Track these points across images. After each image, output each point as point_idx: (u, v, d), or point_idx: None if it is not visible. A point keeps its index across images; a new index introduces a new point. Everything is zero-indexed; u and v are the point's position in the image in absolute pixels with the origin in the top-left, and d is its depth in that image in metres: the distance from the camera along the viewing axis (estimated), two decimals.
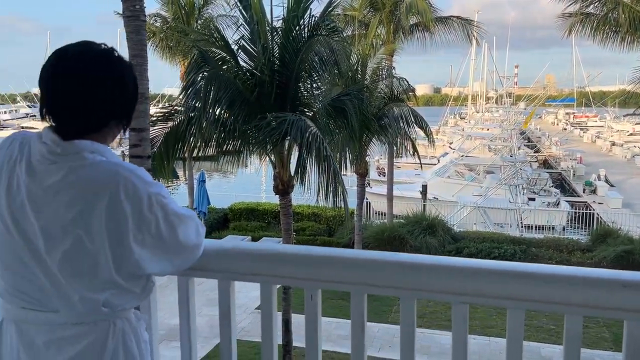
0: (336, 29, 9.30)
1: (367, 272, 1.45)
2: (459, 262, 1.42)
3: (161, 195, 1.28)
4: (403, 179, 27.08)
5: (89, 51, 1.31)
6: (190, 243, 1.39)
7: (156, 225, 1.27)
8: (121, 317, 1.34)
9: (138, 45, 5.39)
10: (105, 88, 1.30)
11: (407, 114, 13.04)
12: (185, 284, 1.62)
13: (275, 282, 1.55)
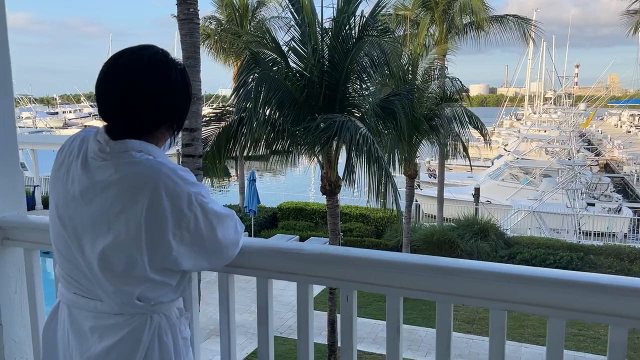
0: (387, 29, 9.23)
1: (402, 274, 1.44)
2: (497, 268, 1.38)
3: (201, 195, 1.32)
4: (455, 182, 26.58)
5: (139, 57, 1.36)
6: (229, 241, 1.42)
7: (195, 223, 1.30)
8: (158, 312, 1.38)
9: (191, 48, 5.54)
10: (151, 93, 1.34)
11: (461, 114, 12.77)
12: (225, 280, 1.66)
13: (311, 282, 1.56)
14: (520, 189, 23.38)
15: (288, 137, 8.55)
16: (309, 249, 1.55)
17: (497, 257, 15.17)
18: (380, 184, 7.49)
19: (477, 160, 33.98)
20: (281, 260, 1.57)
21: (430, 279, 1.42)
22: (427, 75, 13.36)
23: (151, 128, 1.37)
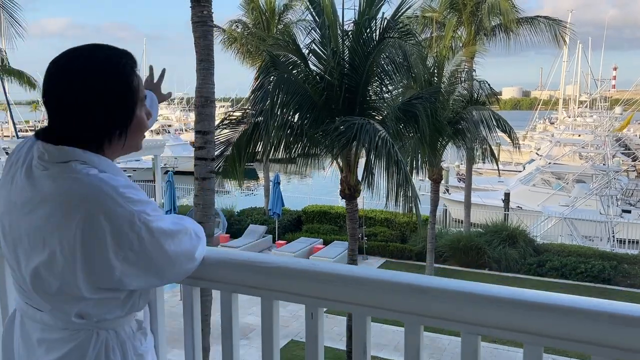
0: (409, 31, 9.07)
1: (370, 292, 1.33)
2: (472, 288, 1.26)
3: (145, 213, 1.20)
4: (485, 186, 26.10)
5: (79, 55, 1.27)
6: (181, 256, 1.31)
7: (140, 243, 1.20)
8: (106, 328, 1.30)
9: (205, 50, 5.52)
10: (87, 94, 1.23)
11: (488, 117, 12.48)
12: (189, 293, 1.58)
13: (275, 297, 1.46)
14: (551, 195, 22.77)
15: (307, 140, 8.48)
16: (272, 262, 1.45)
17: (525, 265, 14.79)
18: (400, 188, 7.34)
19: (508, 164, 33.31)
20: (244, 273, 1.48)
21: (398, 298, 1.30)
22: (453, 77, 13.11)
23: (91, 134, 1.26)
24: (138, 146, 1.38)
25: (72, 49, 1.29)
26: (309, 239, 16.30)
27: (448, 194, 25.10)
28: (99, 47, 1.30)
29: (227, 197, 22.52)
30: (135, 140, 1.35)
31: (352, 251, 9.13)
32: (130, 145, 1.34)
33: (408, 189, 7.42)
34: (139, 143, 1.38)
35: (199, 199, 5.66)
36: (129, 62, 1.29)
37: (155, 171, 20.93)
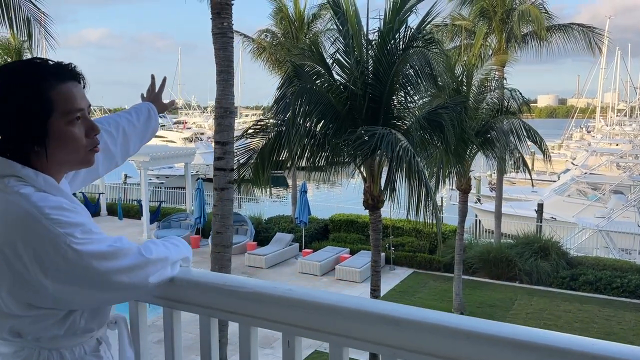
0: (434, 40, 8.95)
1: (344, 321, 1.28)
2: (451, 321, 1.19)
3: (71, 236, 1.16)
4: (518, 196, 25.54)
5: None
6: (119, 274, 1.23)
7: (66, 264, 1.16)
8: (48, 348, 1.26)
9: (225, 62, 5.55)
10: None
11: (518, 127, 12.20)
12: (169, 316, 1.54)
13: (252, 324, 1.41)
14: (587, 206, 22.09)
15: (331, 149, 8.44)
16: (250, 286, 1.40)
17: (558, 278, 14.34)
18: (420, 199, 7.21)
19: (542, 174, 32.51)
20: (222, 297, 1.43)
21: (375, 329, 1.24)
22: (483, 86, 12.88)
23: (9, 145, 1.23)
24: (78, 161, 1.31)
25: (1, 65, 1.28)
26: (336, 248, 16.21)
27: (479, 204, 24.65)
28: (18, 61, 1.29)
29: (255, 205, 22.66)
30: (65, 155, 1.27)
31: (376, 262, 9.01)
32: (64, 160, 1.28)
33: (429, 201, 7.29)
34: (79, 158, 1.30)
35: (218, 209, 5.67)
36: (41, 73, 1.24)
37: (186, 178, 21.23)
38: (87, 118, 1.31)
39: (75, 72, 1.31)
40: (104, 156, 1.68)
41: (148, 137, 1.98)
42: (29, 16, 9.29)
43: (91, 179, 1.72)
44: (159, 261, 1.33)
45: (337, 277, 14.51)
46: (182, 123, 66.56)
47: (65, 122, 1.25)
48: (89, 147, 1.31)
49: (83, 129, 1.29)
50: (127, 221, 20.72)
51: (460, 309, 12.54)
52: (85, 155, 1.31)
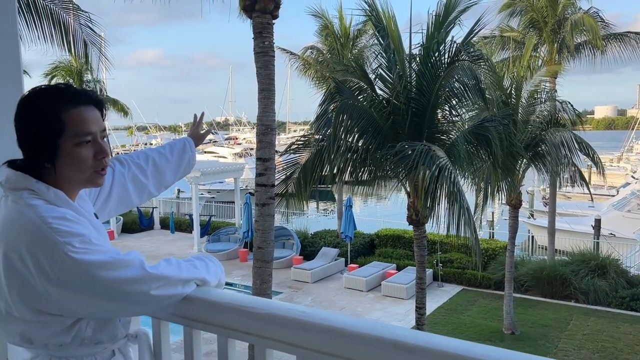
0: (481, 55, 8.80)
1: (356, 345, 1.26)
2: (409, 337, 1.17)
3: (70, 244, 1.22)
4: (574, 211, 24.56)
5: (24, 95, 1.39)
6: (120, 283, 1.26)
7: (65, 272, 1.22)
8: (58, 356, 1.34)
9: (266, 80, 5.66)
10: (16, 127, 1.36)
11: (569, 139, 11.77)
12: (188, 335, 1.56)
13: (268, 346, 1.42)
14: None
15: (373, 164, 8.40)
16: (265, 307, 1.41)
17: (617, 298, 13.61)
18: (460, 217, 7.03)
19: (599, 188, 31.11)
20: (238, 317, 1.44)
21: (386, 355, 1.22)
22: (532, 98, 12.52)
23: (28, 163, 1.35)
24: (85, 180, 1.39)
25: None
26: (382, 264, 16.04)
27: (533, 219, 23.83)
28: (41, 86, 1.40)
29: (301, 219, 22.78)
30: (72, 173, 1.36)
31: (421, 279, 8.85)
32: (72, 178, 1.37)
33: (466, 222, 7.09)
34: (85, 177, 1.38)
35: (259, 225, 5.74)
36: (56, 97, 1.35)
37: (235, 193, 21.64)
38: (97, 141, 1.39)
39: (93, 98, 1.41)
40: (134, 186, 1.83)
41: (184, 168, 2.11)
42: (85, 39, 9.79)
43: (125, 207, 1.84)
44: (163, 278, 1.35)
45: (384, 294, 14.33)
46: (233, 139, 68.04)
47: (74, 144, 1.34)
48: (95, 169, 1.39)
49: (92, 151, 1.37)
50: (179, 234, 21.28)
51: (511, 328, 12.10)
52: (91, 175, 1.39)
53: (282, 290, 14.78)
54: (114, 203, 1.77)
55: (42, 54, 9.44)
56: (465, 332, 11.99)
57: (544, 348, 11.33)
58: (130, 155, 1.90)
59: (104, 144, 1.41)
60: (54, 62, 22.74)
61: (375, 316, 12.94)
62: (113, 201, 1.76)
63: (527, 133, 11.56)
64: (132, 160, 1.86)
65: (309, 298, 14.26)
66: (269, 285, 6.30)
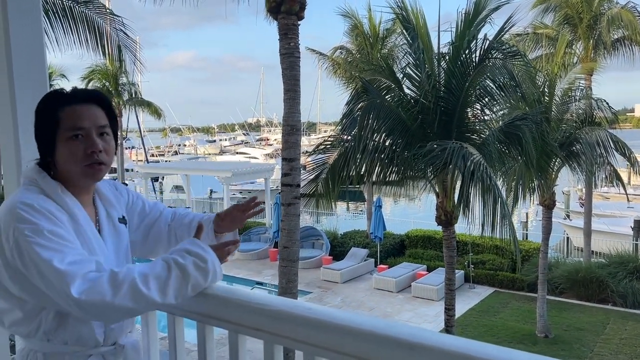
0: (516, 52, 8.64)
1: (360, 342, 1.26)
2: (412, 335, 1.17)
3: (22, 232, 1.30)
4: (612, 212, 23.82)
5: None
6: (51, 275, 1.28)
7: (10, 253, 1.32)
8: (36, 350, 1.45)
9: (291, 81, 5.69)
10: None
11: (605, 138, 11.44)
12: (201, 330, 1.59)
13: (276, 342, 1.43)
14: None
15: (401, 164, 8.34)
16: (273, 304, 1.42)
17: None
18: (495, 216, 6.91)
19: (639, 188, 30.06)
20: (247, 314, 1.46)
21: (389, 353, 1.21)
22: (567, 96, 12.23)
23: (41, 157, 1.48)
24: (78, 172, 1.45)
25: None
26: (412, 265, 15.91)
27: (569, 220, 23.22)
28: (50, 90, 1.54)
29: (331, 219, 22.79)
30: (66, 165, 1.44)
31: (450, 281, 8.75)
32: (67, 170, 1.45)
33: (504, 218, 6.96)
34: (77, 170, 1.45)
35: (285, 224, 5.78)
36: (57, 98, 1.47)
37: (266, 193, 21.84)
38: (90, 137, 1.45)
39: (93, 96, 1.50)
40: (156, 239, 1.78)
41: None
42: (119, 43, 10.04)
43: (141, 252, 1.80)
44: (98, 278, 1.30)
45: (414, 295, 14.21)
46: (264, 140, 68.64)
47: (67, 138, 1.43)
48: (86, 163, 1.45)
49: (83, 145, 1.44)
50: None
51: (544, 331, 11.84)
52: (82, 169, 1.45)
53: (311, 290, 14.82)
54: (152, 243, 1.77)
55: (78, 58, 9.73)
56: (497, 335, 11.78)
57: (579, 352, 11.04)
58: (173, 210, 1.83)
59: (97, 140, 1.45)
60: (91, 66, 23.39)
61: (405, 317, 12.84)
62: (138, 236, 1.74)
63: (561, 132, 11.29)
64: (174, 222, 1.78)
65: (339, 298, 14.25)
66: (294, 284, 6.34)
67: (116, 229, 1.60)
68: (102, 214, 1.59)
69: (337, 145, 8.67)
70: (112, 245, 1.57)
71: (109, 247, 1.55)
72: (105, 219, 1.58)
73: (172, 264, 1.37)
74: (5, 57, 2.03)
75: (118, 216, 1.62)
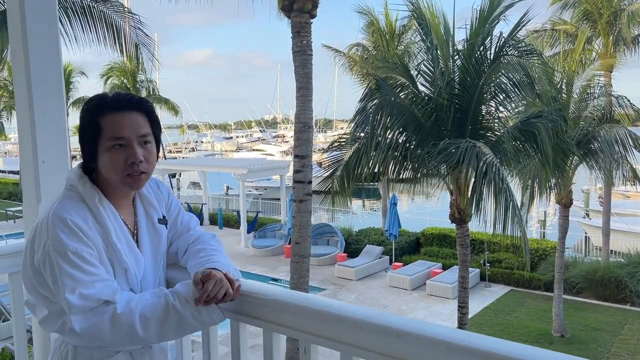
0: (532, 49, 8.57)
1: (351, 330, 1.31)
2: (398, 323, 1.22)
3: (51, 249, 1.37)
4: (633, 211, 23.43)
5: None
6: (63, 302, 1.36)
7: (38, 263, 1.41)
8: (67, 342, 1.51)
9: (304, 78, 5.74)
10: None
11: (624, 136, 11.29)
12: (235, 327, 1.61)
13: (274, 330, 1.49)
14: None
15: (415, 161, 8.34)
16: (270, 294, 1.48)
17: None
18: (507, 215, 6.88)
19: None
20: (245, 303, 1.50)
21: (378, 340, 1.26)
22: (585, 93, 12.07)
23: (85, 163, 1.51)
24: (117, 181, 1.47)
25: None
26: (427, 263, 15.88)
27: (588, 219, 22.90)
28: (92, 97, 1.55)
29: (346, 217, 22.82)
30: (107, 173, 1.47)
31: (463, 278, 8.74)
32: (108, 178, 1.48)
33: (515, 220, 6.92)
34: (117, 179, 1.46)
35: (297, 220, 5.85)
36: (96, 105, 1.48)
37: (281, 190, 21.95)
38: (131, 146, 1.45)
39: (134, 103, 1.50)
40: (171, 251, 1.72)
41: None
42: (137, 41, 10.20)
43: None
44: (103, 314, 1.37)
45: (428, 293, 14.19)
46: (281, 137, 68.83)
47: (108, 147, 1.45)
48: (127, 172, 1.46)
49: (124, 155, 1.45)
50: (227, 230, 21.79)
51: (560, 330, 11.74)
52: (122, 178, 1.46)
53: (325, 287, 14.89)
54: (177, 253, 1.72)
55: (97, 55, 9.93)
56: (512, 334, 11.71)
57: (596, 352, 10.93)
58: (202, 233, 1.73)
59: (137, 150, 1.45)
60: (109, 64, 23.72)
61: (420, 315, 12.84)
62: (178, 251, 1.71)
63: (578, 129, 11.16)
64: (194, 244, 1.69)
65: (353, 295, 14.30)
66: (306, 280, 6.40)
67: (155, 230, 1.60)
68: (141, 215, 1.59)
69: (351, 142, 8.69)
70: (149, 246, 1.58)
71: (146, 249, 1.56)
72: (144, 221, 1.59)
73: (170, 309, 1.41)
74: (24, 58, 2.10)
75: (158, 217, 1.62)
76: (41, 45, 2.13)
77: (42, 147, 2.12)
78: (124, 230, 1.50)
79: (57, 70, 2.19)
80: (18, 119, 2.18)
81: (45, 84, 2.14)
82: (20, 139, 2.19)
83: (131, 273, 1.47)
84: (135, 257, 1.50)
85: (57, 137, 2.14)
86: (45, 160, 2.11)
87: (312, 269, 10.46)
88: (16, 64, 2.13)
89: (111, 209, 1.49)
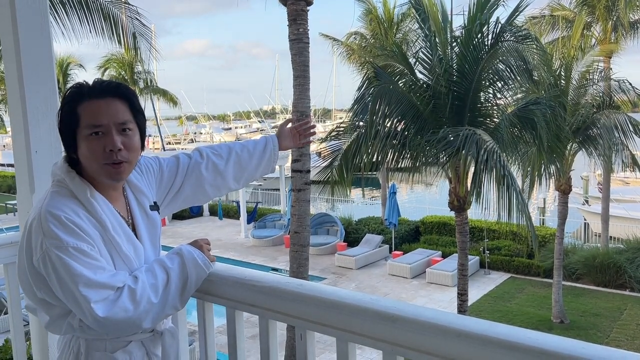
0: (528, 35, 8.52)
1: (347, 316, 1.30)
2: (394, 308, 1.21)
3: (50, 249, 1.33)
4: (632, 197, 23.46)
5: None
6: (73, 302, 1.35)
7: (37, 264, 1.37)
8: (77, 336, 1.47)
9: (301, 67, 5.70)
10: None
11: (623, 122, 11.26)
12: (201, 307, 1.64)
13: (270, 317, 1.48)
14: None
15: (414, 150, 8.32)
16: (266, 281, 1.47)
17: None
18: (511, 202, 6.85)
19: None
20: (242, 291, 1.52)
21: (373, 325, 1.26)
22: (584, 79, 12.02)
23: (69, 155, 1.46)
24: (98, 171, 1.42)
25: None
26: (427, 251, 15.90)
27: (587, 206, 22.94)
28: (73, 84, 1.50)
29: (346, 206, 22.83)
30: (88, 163, 1.41)
31: (462, 266, 8.76)
32: (90, 168, 1.43)
33: (519, 206, 6.92)
34: (97, 168, 1.41)
35: (295, 210, 5.84)
36: (76, 92, 1.43)
37: (280, 180, 21.93)
38: (109, 134, 1.40)
39: (112, 89, 1.43)
40: (212, 176, 1.78)
41: (265, 165, 1.96)
42: (134, 32, 10.12)
43: (199, 199, 1.80)
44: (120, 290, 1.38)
45: (428, 281, 14.24)
46: None
47: (86, 135, 1.40)
48: (104, 161, 1.40)
49: (102, 143, 1.39)
50: (227, 221, 21.81)
51: (560, 317, 11.79)
52: (102, 167, 1.41)
53: (326, 276, 14.93)
54: (189, 193, 1.75)
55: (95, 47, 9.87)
56: (512, 320, 11.76)
57: (595, 338, 10.99)
58: (212, 147, 1.85)
59: (115, 137, 1.39)
60: (107, 55, 23.61)
61: (419, 303, 12.89)
62: (187, 192, 1.74)
63: (577, 116, 11.12)
64: (213, 151, 1.81)
65: (353, 284, 14.34)
66: (305, 269, 6.41)
67: (149, 218, 1.58)
68: (133, 204, 1.57)
69: (350, 131, 8.67)
70: (146, 234, 1.56)
71: (144, 238, 1.54)
72: (137, 210, 1.56)
73: (171, 275, 1.46)
74: (14, 47, 2.08)
75: (149, 203, 1.60)
76: (32, 33, 2.11)
77: (35, 137, 2.11)
78: (120, 221, 1.48)
79: (49, 58, 2.17)
80: (10, 110, 2.17)
81: (37, 74, 2.13)
82: (13, 129, 2.17)
83: (132, 263, 1.45)
84: (135, 247, 1.48)
85: (50, 127, 2.13)
86: (38, 150, 2.09)
87: (312, 259, 10.47)
88: (7, 53, 2.11)
89: (104, 202, 1.45)
